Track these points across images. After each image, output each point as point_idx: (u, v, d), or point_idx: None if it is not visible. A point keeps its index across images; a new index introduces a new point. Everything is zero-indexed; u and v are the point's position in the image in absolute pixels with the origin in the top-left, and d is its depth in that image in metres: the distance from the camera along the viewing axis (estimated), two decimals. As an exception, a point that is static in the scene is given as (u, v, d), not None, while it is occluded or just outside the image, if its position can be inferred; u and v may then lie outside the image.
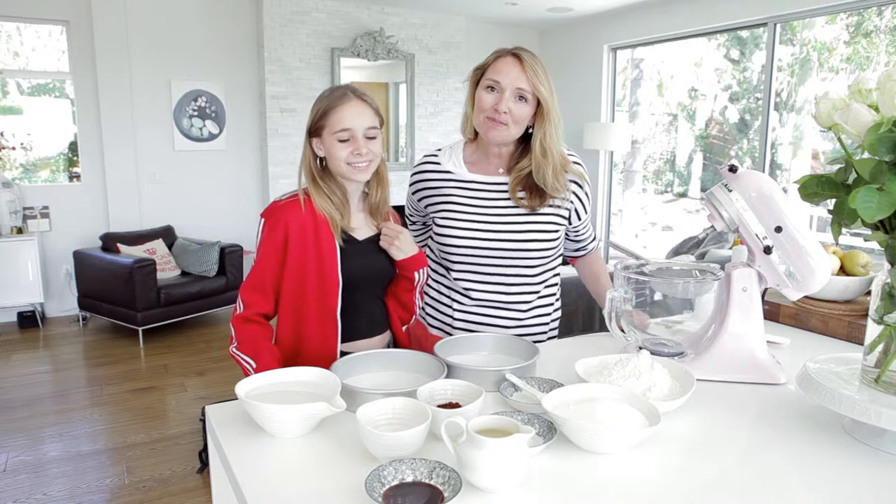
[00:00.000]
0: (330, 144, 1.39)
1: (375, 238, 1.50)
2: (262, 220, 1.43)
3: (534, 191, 1.50)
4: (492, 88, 1.45)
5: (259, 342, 1.38)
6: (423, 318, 1.66)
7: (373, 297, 1.53)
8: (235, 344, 1.38)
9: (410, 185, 1.66)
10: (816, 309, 1.52)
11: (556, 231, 1.54)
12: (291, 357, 1.44)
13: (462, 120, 1.59)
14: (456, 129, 6.28)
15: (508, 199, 1.52)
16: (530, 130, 1.51)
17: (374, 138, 1.41)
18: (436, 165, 1.60)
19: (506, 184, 1.53)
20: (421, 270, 1.53)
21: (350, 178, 1.43)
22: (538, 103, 1.45)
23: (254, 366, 1.34)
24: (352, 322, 1.48)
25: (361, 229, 1.49)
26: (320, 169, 1.44)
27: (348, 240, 1.44)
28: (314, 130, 1.42)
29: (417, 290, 1.57)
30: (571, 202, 1.56)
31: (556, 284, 1.64)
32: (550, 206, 1.52)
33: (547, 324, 1.62)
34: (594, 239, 1.72)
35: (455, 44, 6.20)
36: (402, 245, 1.49)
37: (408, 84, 5.99)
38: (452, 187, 1.56)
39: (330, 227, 1.41)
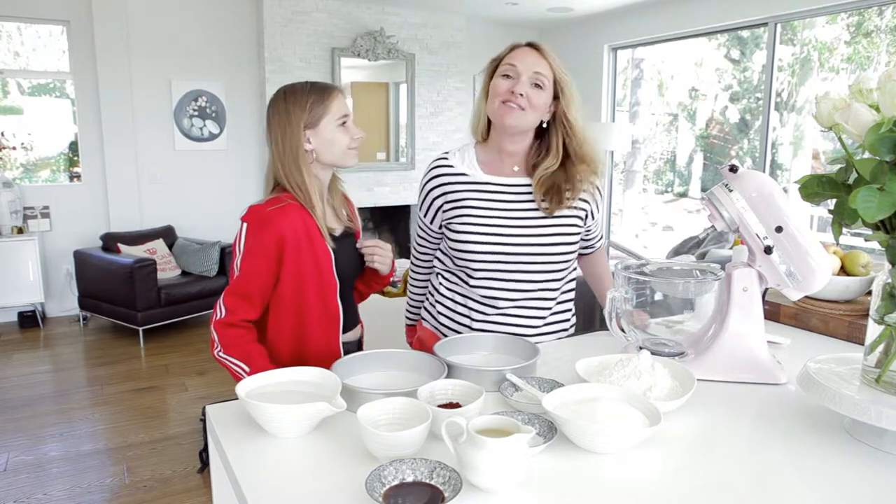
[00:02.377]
0: (331, 132, 1.42)
1: (346, 231, 1.54)
2: (245, 224, 1.40)
3: (553, 194, 1.46)
4: (508, 76, 1.44)
5: (247, 345, 1.37)
6: (437, 328, 1.60)
7: (351, 290, 1.57)
8: (220, 348, 1.37)
9: (424, 195, 1.57)
10: (817, 309, 1.52)
11: (577, 232, 1.51)
12: (293, 359, 1.44)
13: (472, 120, 1.55)
14: (457, 129, 6.27)
15: (526, 201, 1.48)
16: (544, 125, 1.49)
17: None
18: (449, 168, 1.53)
19: (523, 185, 1.49)
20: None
21: (344, 165, 1.47)
22: (555, 95, 1.45)
23: (247, 369, 1.33)
24: (344, 317, 1.50)
25: (335, 225, 1.51)
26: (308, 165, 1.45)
27: (333, 239, 1.47)
28: (312, 122, 1.41)
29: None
30: (586, 201, 1.52)
31: (573, 289, 1.60)
32: (568, 206, 1.48)
33: (566, 329, 1.59)
34: (601, 238, 1.70)
35: (455, 44, 6.20)
36: (384, 258, 1.53)
37: (408, 84, 5.99)
38: (468, 190, 1.50)
39: (319, 231, 1.42)
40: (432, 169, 1.56)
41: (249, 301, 1.39)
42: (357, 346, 1.62)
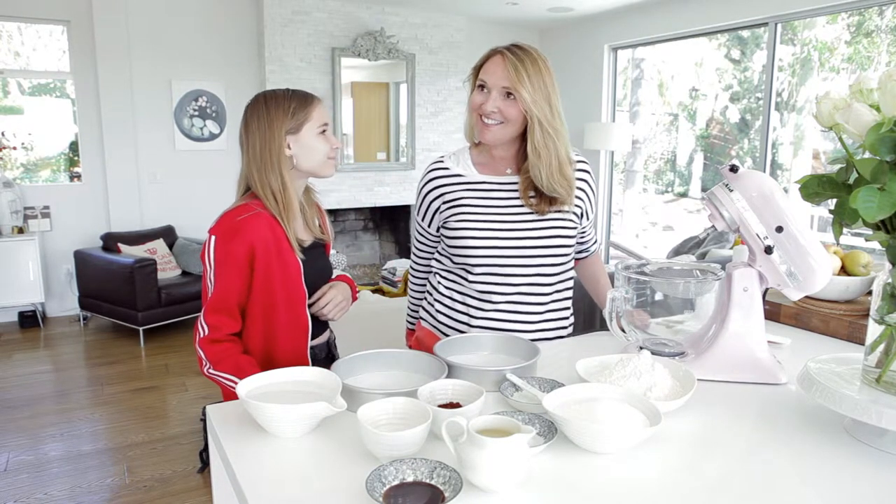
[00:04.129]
0: (312, 138, 1.41)
1: (316, 242, 1.52)
2: (214, 237, 1.35)
3: (543, 194, 1.47)
4: (482, 88, 1.44)
5: (237, 357, 1.36)
6: (436, 327, 1.61)
7: None
8: (209, 366, 1.35)
9: (422, 198, 1.58)
10: (817, 309, 1.52)
11: (574, 228, 1.52)
12: (263, 365, 1.42)
13: (465, 125, 1.56)
14: (457, 129, 6.27)
15: (521, 198, 1.49)
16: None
17: None
18: (445, 170, 1.55)
19: (517, 183, 1.50)
20: None
21: (322, 174, 1.45)
22: None
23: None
24: (312, 325, 1.50)
25: (305, 236, 1.50)
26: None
27: (301, 250, 1.45)
28: (294, 127, 1.39)
29: None
30: (580, 199, 1.54)
31: (571, 288, 1.61)
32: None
33: (566, 327, 1.60)
34: (595, 241, 1.72)
35: (456, 44, 6.20)
36: (338, 307, 1.51)
37: (408, 84, 5.99)
38: (464, 189, 1.52)
39: (288, 241, 1.40)
40: (429, 172, 1.58)
41: (230, 315, 1.37)
42: (326, 349, 1.61)
